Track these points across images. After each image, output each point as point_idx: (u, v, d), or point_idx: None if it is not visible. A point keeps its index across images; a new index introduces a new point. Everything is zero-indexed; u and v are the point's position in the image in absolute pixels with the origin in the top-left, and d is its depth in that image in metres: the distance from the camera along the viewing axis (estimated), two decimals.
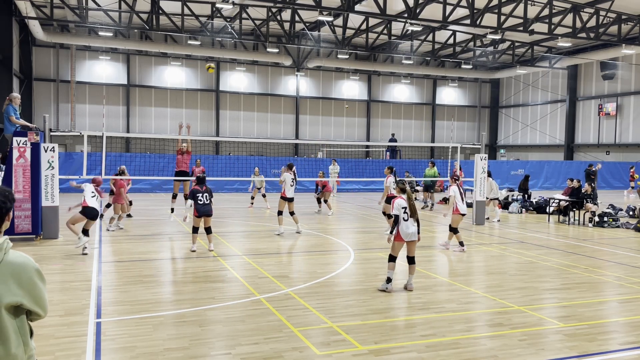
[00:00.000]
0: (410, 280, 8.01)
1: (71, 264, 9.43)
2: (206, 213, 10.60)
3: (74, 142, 32.54)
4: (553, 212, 17.90)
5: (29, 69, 31.72)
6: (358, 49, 34.16)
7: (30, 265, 2.62)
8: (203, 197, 10.58)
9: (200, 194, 10.57)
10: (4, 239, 2.60)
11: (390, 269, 7.91)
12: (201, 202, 10.53)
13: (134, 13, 24.93)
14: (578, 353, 5.57)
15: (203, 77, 36.69)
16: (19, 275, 2.57)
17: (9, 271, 2.56)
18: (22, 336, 2.62)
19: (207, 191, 10.73)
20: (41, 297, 2.66)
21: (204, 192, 10.64)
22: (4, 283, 2.53)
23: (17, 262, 2.59)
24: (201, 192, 10.60)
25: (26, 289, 2.59)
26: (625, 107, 35.61)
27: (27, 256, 2.66)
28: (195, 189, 10.65)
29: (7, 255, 2.58)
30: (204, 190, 10.67)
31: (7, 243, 2.61)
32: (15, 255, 2.61)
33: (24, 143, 11.71)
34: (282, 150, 36.27)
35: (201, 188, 10.68)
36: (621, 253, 11.64)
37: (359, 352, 5.43)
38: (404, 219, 7.86)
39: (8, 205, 2.69)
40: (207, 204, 10.60)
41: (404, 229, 7.85)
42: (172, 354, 5.30)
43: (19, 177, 11.66)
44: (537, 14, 24.98)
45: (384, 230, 13.86)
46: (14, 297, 2.55)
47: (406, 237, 7.86)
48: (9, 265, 2.56)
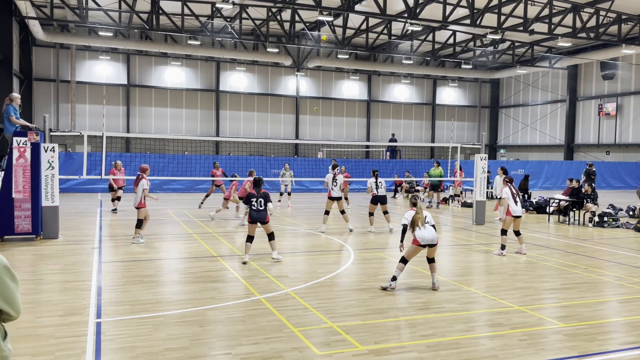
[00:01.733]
0: (434, 279, 8.07)
1: (71, 264, 9.43)
2: (260, 219, 9.73)
3: (74, 142, 32.54)
4: (553, 212, 17.90)
5: (29, 69, 31.72)
6: (358, 49, 34.16)
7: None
8: (257, 202, 9.70)
9: (255, 199, 9.71)
10: None
11: (399, 269, 7.94)
12: (254, 208, 9.69)
13: (134, 13, 24.93)
14: (578, 353, 5.57)
15: (203, 77, 36.70)
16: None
17: None
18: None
19: (263, 196, 9.79)
20: (10, 296, 2.53)
21: (259, 197, 9.74)
22: None
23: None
24: (256, 197, 9.74)
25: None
26: (625, 107, 35.61)
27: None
28: (251, 193, 9.80)
29: None
30: (259, 194, 9.78)
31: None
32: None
33: (24, 143, 11.70)
34: (282, 150, 36.28)
35: (257, 192, 9.81)
36: (621, 253, 11.63)
37: (359, 352, 5.43)
38: (419, 227, 7.91)
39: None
40: (261, 210, 9.71)
41: (419, 234, 7.89)
42: (172, 354, 5.30)
43: (19, 177, 11.66)
44: (537, 14, 24.98)
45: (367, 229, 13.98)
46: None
47: (423, 241, 7.89)
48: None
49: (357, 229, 14.40)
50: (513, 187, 11.27)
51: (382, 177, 14.52)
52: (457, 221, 16.92)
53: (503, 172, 17.02)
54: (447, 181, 23.32)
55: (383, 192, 13.90)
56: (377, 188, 13.79)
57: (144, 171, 12.01)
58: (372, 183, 13.84)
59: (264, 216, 9.73)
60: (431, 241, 7.91)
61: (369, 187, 13.98)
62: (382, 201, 13.83)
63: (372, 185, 13.81)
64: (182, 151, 32.51)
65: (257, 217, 9.68)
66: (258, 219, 9.70)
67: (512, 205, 11.00)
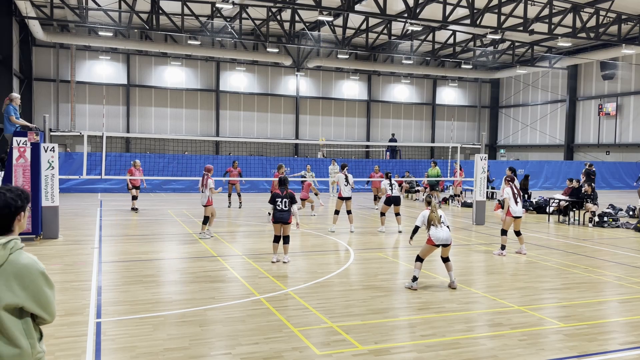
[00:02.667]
0: (451, 277, 8.14)
1: (71, 264, 9.43)
2: (283, 220, 9.57)
3: (74, 142, 32.55)
4: (553, 212, 17.90)
5: (29, 69, 31.72)
6: (358, 49, 34.16)
7: (35, 268, 2.56)
8: (282, 202, 9.55)
9: (280, 199, 9.56)
10: (10, 239, 2.56)
11: (417, 268, 8.08)
12: (279, 208, 9.56)
13: (134, 13, 24.93)
14: (578, 353, 5.57)
15: (203, 77, 36.71)
16: (21, 277, 2.52)
17: (12, 272, 2.51)
18: (29, 338, 2.58)
19: (288, 196, 9.61)
20: (45, 301, 2.59)
21: (284, 197, 9.58)
22: (5, 283, 2.49)
23: (22, 263, 2.54)
24: (281, 196, 9.58)
25: (29, 292, 2.54)
26: (625, 107, 35.61)
27: (34, 258, 2.60)
28: (276, 193, 9.65)
29: (13, 255, 2.53)
30: (284, 194, 9.60)
31: (15, 243, 2.56)
32: (22, 256, 2.55)
33: (24, 143, 11.70)
34: (282, 150, 36.28)
35: (282, 192, 9.63)
36: (621, 253, 11.63)
37: (359, 352, 5.43)
38: (432, 226, 8.03)
39: (19, 204, 2.63)
40: (285, 211, 9.54)
41: (434, 233, 8.01)
42: (172, 354, 5.30)
43: (19, 177, 11.66)
44: (537, 14, 24.98)
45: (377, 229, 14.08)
46: (15, 299, 2.51)
47: (437, 241, 8.00)
48: (13, 266, 2.52)
49: (359, 229, 14.41)
50: (515, 187, 11.16)
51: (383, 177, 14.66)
52: (457, 221, 16.92)
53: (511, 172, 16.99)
54: (447, 181, 23.32)
55: (397, 193, 14.05)
56: (391, 189, 13.91)
57: (209, 171, 12.65)
58: (387, 184, 13.96)
59: (287, 217, 9.60)
60: (445, 241, 8.01)
61: (382, 189, 14.06)
62: (395, 202, 13.96)
63: (387, 186, 13.93)
64: (182, 151, 32.52)
65: (280, 217, 9.58)
66: (281, 220, 9.60)
67: (512, 206, 10.93)
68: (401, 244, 12.31)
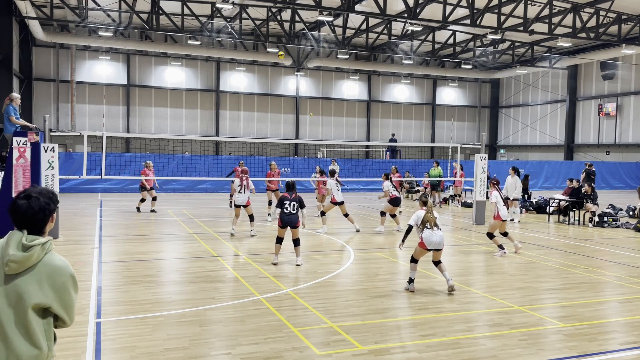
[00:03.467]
0: (447, 276, 7.87)
1: (71, 264, 9.41)
2: (291, 223, 9.53)
3: (74, 142, 32.55)
4: (553, 212, 17.90)
5: (29, 69, 31.73)
6: (358, 49, 34.17)
7: (66, 270, 2.64)
8: (290, 205, 9.57)
9: (288, 202, 9.58)
10: (48, 239, 2.62)
11: (412, 270, 8.00)
12: (287, 211, 9.52)
13: (134, 13, 24.93)
14: (578, 353, 5.57)
15: (203, 77, 36.71)
16: (53, 278, 2.58)
17: (45, 272, 2.57)
18: (47, 340, 2.63)
19: (296, 199, 9.67)
20: (70, 304, 2.67)
21: (292, 200, 9.61)
22: (37, 282, 2.55)
23: (55, 264, 2.61)
24: (289, 199, 9.61)
25: (58, 293, 2.60)
26: (625, 107, 35.61)
27: (65, 261, 2.67)
28: (284, 196, 9.68)
29: (47, 255, 2.59)
30: (292, 197, 9.66)
31: (50, 244, 2.62)
32: (55, 257, 2.63)
33: (24, 143, 11.69)
34: (282, 150, 36.28)
35: (290, 195, 9.69)
36: (621, 253, 11.63)
37: (359, 352, 5.43)
38: (427, 228, 7.88)
39: (52, 207, 2.71)
40: (292, 214, 9.53)
41: (427, 237, 7.85)
42: (172, 354, 5.30)
43: (19, 177, 11.66)
44: (537, 14, 24.99)
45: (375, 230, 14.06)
46: (45, 299, 2.56)
47: (430, 245, 7.85)
48: (47, 266, 2.58)
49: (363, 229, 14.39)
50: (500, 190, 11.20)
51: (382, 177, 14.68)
52: (457, 221, 16.92)
53: (515, 172, 17.11)
54: (447, 181, 23.32)
55: (398, 194, 14.11)
56: (395, 190, 14.02)
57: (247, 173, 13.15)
58: (390, 186, 13.99)
59: (295, 220, 9.55)
60: (438, 245, 7.87)
61: (386, 191, 14.06)
62: (398, 203, 14.03)
63: (390, 187, 13.97)
64: (182, 151, 32.51)
65: (288, 220, 9.52)
66: (289, 223, 9.53)
67: (501, 210, 10.88)
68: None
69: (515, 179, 17.02)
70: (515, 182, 16.98)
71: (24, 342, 2.53)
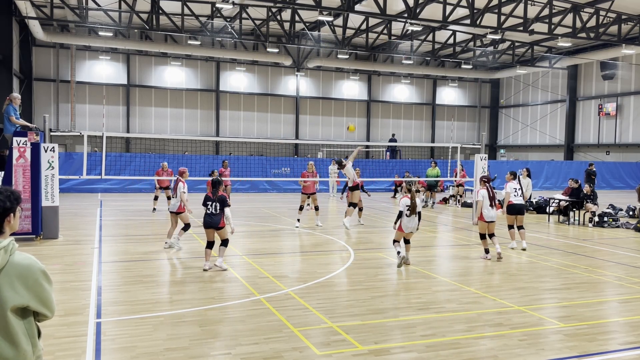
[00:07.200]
0: (406, 255, 9.56)
1: (71, 264, 9.43)
2: (213, 224, 8.84)
3: (74, 142, 32.54)
4: (553, 212, 17.89)
5: (29, 69, 31.72)
6: (358, 49, 34.16)
7: (36, 267, 2.61)
8: (212, 206, 8.83)
9: (211, 202, 8.85)
10: (8, 241, 2.57)
11: (397, 246, 9.46)
12: (209, 212, 8.84)
13: (134, 13, 24.93)
14: (578, 353, 5.57)
15: (203, 77, 36.71)
16: (25, 278, 2.56)
17: (15, 273, 2.54)
18: (31, 338, 2.62)
19: (219, 200, 8.84)
20: (47, 299, 2.64)
21: (214, 201, 8.83)
22: (10, 285, 2.52)
23: (23, 264, 2.57)
24: (212, 200, 8.86)
25: (32, 291, 2.57)
26: (625, 107, 35.61)
27: (32, 257, 2.64)
28: (207, 196, 8.96)
29: (12, 256, 2.56)
30: (214, 197, 8.85)
31: (13, 244, 2.59)
32: (21, 257, 2.59)
33: (24, 143, 11.70)
34: (282, 150, 36.27)
35: (213, 195, 8.88)
36: (621, 253, 11.63)
37: (359, 352, 5.42)
38: (406, 215, 9.27)
39: (7, 205, 2.63)
40: (215, 215, 8.80)
41: (405, 222, 9.31)
42: (172, 354, 5.30)
43: (19, 177, 11.66)
44: (537, 14, 24.98)
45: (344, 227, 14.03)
46: (21, 300, 2.54)
47: (406, 230, 9.38)
48: (15, 267, 2.55)
49: (359, 228, 14.40)
50: (491, 189, 10.59)
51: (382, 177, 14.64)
52: (457, 221, 16.92)
53: (527, 173, 17.17)
54: (447, 181, 23.32)
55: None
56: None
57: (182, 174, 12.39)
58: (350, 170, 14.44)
59: (218, 221, 8.83)
60: (412, 229, 9.40)
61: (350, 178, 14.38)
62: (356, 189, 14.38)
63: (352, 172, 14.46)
64: (182, 151, 32.51)
65: (209, 221, 8.84)
66: (211, 224, 8.85)
67: (485, 210, 10.36)
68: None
69: (528, 181, 17.08)
70: (528, 183, 17.05)
71: (7, 346, 2.52)
